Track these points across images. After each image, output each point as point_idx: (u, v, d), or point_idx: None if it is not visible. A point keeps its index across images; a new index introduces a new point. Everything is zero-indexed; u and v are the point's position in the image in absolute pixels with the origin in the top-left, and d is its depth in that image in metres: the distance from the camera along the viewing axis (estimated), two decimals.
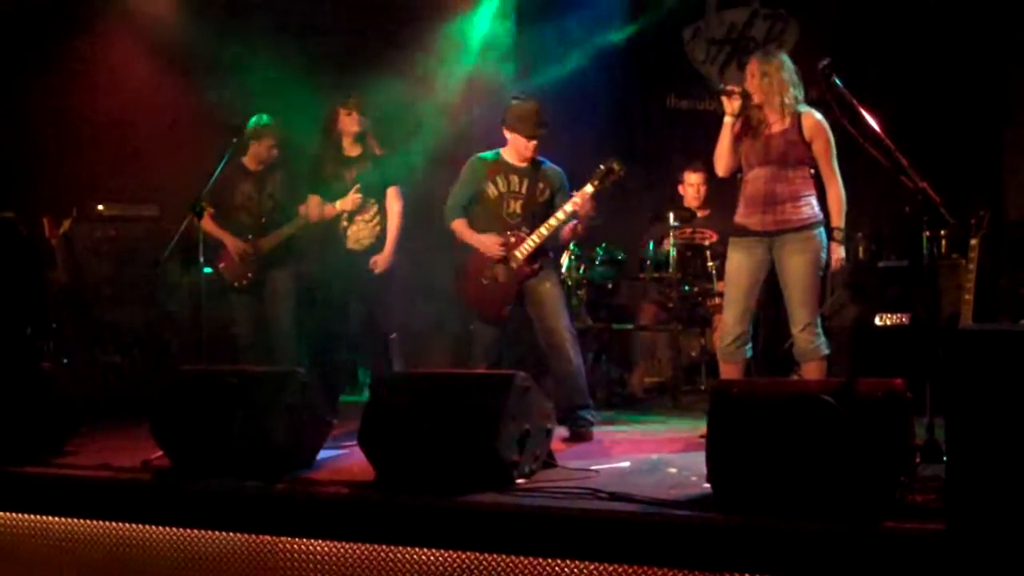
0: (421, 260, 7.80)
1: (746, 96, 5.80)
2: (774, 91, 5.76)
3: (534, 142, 6.34)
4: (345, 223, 7.03)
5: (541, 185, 6.39)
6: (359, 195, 6.94)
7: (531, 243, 6.27)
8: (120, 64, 9.16)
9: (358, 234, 7.04)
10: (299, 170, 7.37)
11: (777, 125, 5.79)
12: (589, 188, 6.22)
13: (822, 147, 5.76)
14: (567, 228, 6.38)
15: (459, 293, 6.57)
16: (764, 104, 5.79)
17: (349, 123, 7.03)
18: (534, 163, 6.42)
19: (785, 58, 5.87)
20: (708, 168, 7.79)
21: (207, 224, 7.16)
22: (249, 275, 7.28)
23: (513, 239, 6.32)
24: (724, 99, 5.83)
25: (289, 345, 7.25)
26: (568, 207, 6.25)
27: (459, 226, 6.44)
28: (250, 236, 7.30)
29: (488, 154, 6.49)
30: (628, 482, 4.71)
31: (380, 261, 6.95)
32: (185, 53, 9.03)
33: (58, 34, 9.04)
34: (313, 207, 7.03)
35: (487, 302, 6.38)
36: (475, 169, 6.46)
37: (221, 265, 7.32)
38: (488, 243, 6.34)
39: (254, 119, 7.36)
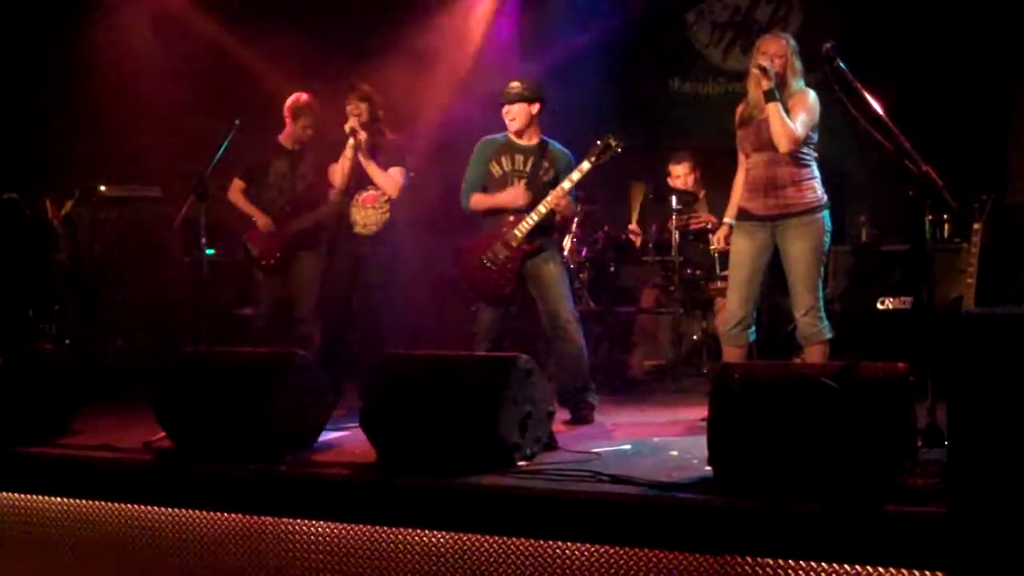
0: (428, 245, 7.80)
1: (776, 74, 5.69)
2: (792, 72, 5.72)
3: (504, 106, 6.33)
4: (353, 208, 7.03)
5: (546, 165, 6.37)
6: (349, 158, 6.90)
7: (530, 221, 6.26)
8: (123, 45, 9.14)
9: (365, 219, 7.02)
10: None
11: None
12: (586, 164, 6.21)
13: (795, 102, 5.66)
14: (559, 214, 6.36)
15: (460, 274, 6.57)
16: (784, 82, 5.70)
17: (354, 111, 7.01)
18: (541, 143, 6.41)
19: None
20: (693, 153, 7.84)
21: (238, 199, 7.21)
22: (278, 255, 7.25)
23: (512, 218, 6.31)
24: (759, 75, 5.70)
25: (311, 329, 7.22)
26: (566, 184, 6.24)
27: (478, 198, 6.41)
28: (279, 215, 7.27)
29: (495, 136, 6.49)
30: (629, 465, 4.71)
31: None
32: (190, 34, 9.02)
33: (62, 16, 9.03)
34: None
35: (488, 282, 6.37)
36: (482, 151, 6.46)
37: (250, 243, 7.30)
38: (510, 195, 6.31)
39: (292, 97, 7.34)
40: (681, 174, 8.00)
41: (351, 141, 6.89)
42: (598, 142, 6.21)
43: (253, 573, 4.60)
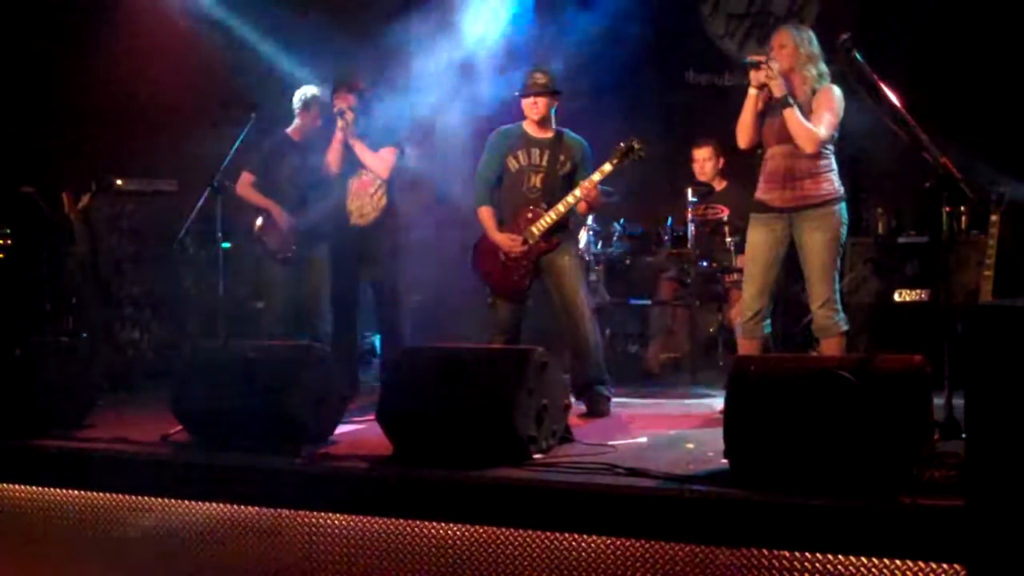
0: (438, 235, 7.79)
1: (779, 69, 5.67)
2: (802, 62, 5.69)
3: (526, 99, 6.30)
4: (348, 197, 7.03)
5: (562, 158, 6.35)
6: (340, 140, 6.93)
7: (548, 219, 6.25)
8: (140, 39, 9.15)
9: (360, 208, 7.02)
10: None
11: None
12: (608, 166, 6.18)
13: (819, 101, 5.66)
14: (583, 204, 6.34)
15: (476, 268, 6.56)
16: (791, 74, 5.70)
17: (341, 102, 7.03)
18: (557, 134, 6.39)
19: (813, 35, 5.81)
20: (717, 142, 7.80)
21: (248, 192, 7.21)
22: (294, 247, 7.25)
23: (531, 214, 6.30)
24: (751, 71, 5.73)
25: (326, 320, 7.22)
26: (587, 184, 6.22)
27: (484, 215, 6.42)
28: (293, 208, 7.26)
29: (510, 127, 6.47)
30: (645, 457, 4.71)
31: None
32: (206, 28, 9.03)
33: (79, 10, 9.04)
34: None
35: (504, 277, 6.38)
36: (497, 143, 6.44)
37: (265, 236, 7.29)
38: (506, 244, 6.33)
39: (301, 90, 7.35)
40: (701, 159, 7.98)
41: (340, 123, 6.90)
42: (621, 144, 6.17)
43: (269, 566, 4.61)
